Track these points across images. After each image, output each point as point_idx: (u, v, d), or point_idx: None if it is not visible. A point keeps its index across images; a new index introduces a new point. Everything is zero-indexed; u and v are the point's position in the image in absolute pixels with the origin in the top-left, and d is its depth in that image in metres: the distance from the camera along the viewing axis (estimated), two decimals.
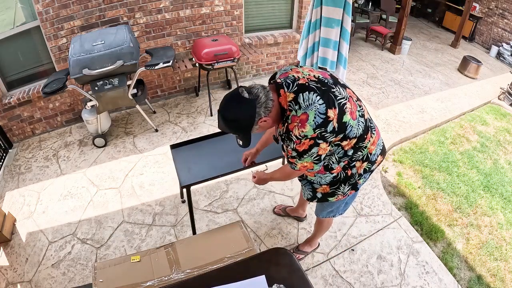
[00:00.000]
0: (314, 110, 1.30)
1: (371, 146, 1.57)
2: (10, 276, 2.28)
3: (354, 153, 1.53)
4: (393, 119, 4.17)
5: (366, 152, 1.57)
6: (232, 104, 1.36)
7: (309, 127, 1.30)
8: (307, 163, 1.44)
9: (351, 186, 1.68)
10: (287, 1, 4.41)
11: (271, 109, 1.37)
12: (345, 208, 1.96)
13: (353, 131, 1.42)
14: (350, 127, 1.39)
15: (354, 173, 1.63)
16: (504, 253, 2.76)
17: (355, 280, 2.29)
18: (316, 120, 1.30)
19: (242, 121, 1.36)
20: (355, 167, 1.61)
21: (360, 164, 1.60)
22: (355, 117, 1.42)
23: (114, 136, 3.52)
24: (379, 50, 6.31)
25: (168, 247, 1.72)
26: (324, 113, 1.31)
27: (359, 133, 1.45)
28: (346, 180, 1.65)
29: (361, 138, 1.48)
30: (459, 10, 7.63)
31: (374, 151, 1.61)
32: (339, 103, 1.35)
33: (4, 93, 3.31)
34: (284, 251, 1.45)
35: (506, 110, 5.00)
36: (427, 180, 3.38)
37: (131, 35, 3.11)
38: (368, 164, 1.63)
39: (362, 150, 1.55)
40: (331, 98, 1.34)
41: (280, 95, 1.38)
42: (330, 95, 1.35)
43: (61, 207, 2.74)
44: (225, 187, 2.94)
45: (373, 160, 1.64)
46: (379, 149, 1.66)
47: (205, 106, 4.03)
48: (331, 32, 2.86)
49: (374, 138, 1.59)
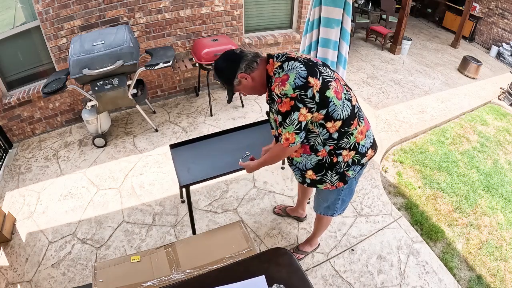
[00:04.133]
0: (295, 73, 1.42)
1: (358, 135, 1.59)
2: (10, 276, 2.28)
3: (340, 138, 1.55)
4: (393, 119, 4.17)
5: (354, 141, 1.59)
6: (223, 56, 1.57)
7: (289, 86, 1.40)
8: (289, 135, 1.48)
9: (338, 176, 1.68)
10: (287, 1, 4.41)
11: (254, 69, 1.53)
12: (343, 207, 1.95)
13: (337, 112, 1.47)
14: (333, 105, 1.45)
15: (340, 161, 1.63)
16: (504, 253, 2.76)
17: (355, 280, 2.29)
18: (296, 81, 1.40)
19: (225, 70, 1.55)
20: (341, 155, 1.61)
21: (347, 153, 1.61)
22: (340, 97, 1.48)
23: (114, 136, 3.52)
24: (379, 50, 6.31)
25: (168, 247, 1.72)
26: (304, 77, 1.41)
27: (344, 116, 1.49)
28: (332, 167, 1.65)
29: (347, 122, 1.52)
30: (459, 10, 7.63)
31: (362, 142, 1.62)
32: (323, 78, 1.45)
33: (4, 93, 3.31)
34: (284, 251, 1.44)
35: (506, 110, 5.00)
36: (427, 180, 3.38)
37: (131, 35, 3.11)
38: (357, 155, 1.64)
39: (349, 137, 1.56)
40: (315, 70, 1.45)
41: (269, 63, 1.54)
42: (315, 68, 1.46)
43: (61, 207, 2.74)
44: (225, 187, 2.94)
45: (362, 152, 1.64)
46: (369, 142, 1.67)
47: (205, 106, 4.03)
48: (331, 32, 2.85)
49: (362, 127, 1.60)
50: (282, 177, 3.05)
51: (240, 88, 1.60)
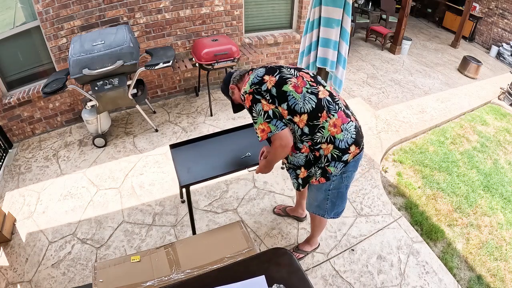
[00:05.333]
0: (254, 74, 1.70)
1: (331, 128, 1.62)
2: (10, 276, 2.28)
3: (312, 132, 1.64)
4: (393, 119, 4.17)
5: (328, 134, 1.63)
6: (225, 77, 1.93)
7: (247, 84, 1.68)
8: (262, 125, 1.64)
9: (321, 171, 1.75)
10: (287, 1, 4.41)
11: (240, 81, 1.83)
12: (334, 211, 1.94)
13: (299, 105, 1.61)
14: (292, 98, 1.61)
15: (322, 155, 1.70)
16: (504, 253, 2.76)
17: (355, 280, 2.29)
18: (253, 80, 1.67)
19: (224, 86, 1.91)
20: (321, 149, 1.68)
21: (326, 146, 1.66)
22: (300, 91, 1.62)
23: (114, 136, 3.52)
24: (379, 50, 6.31)
25: (168, 247, 1.72)
26: (261, 76, 1.67)
27: (307, 109, 1.61)
28: (316, 162, 1.76)
29: (313, 115, 1.61)
30: (459, 10, 7.64)
31: (339, 135, 1.63)
32: (281, 76, 1.65)
33: (4, 93, 3.31)
34: (284, 251, 1.44)
35: (506, 110, 5.00)
36: (427, 180, 3.38)
37: (131, 35, 3.11)
38: (336, 150, 1.65)
39: (321, 130, 1.63)
40: (274, 70, 1.68)
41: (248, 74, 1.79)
42: (276, 69, 1.69)
43: (61, 207, 2.74)
44: (225, 187, 2.94)
45: (342, 147, 1.65)
46: (350, 137, 1.66)
47: (205, 106, 4.03)
48: (331, 32, 2.85)
49: (335, 120, 1.63)
50: (282, 177, 3.06)
51: (235, 98, 1.89)
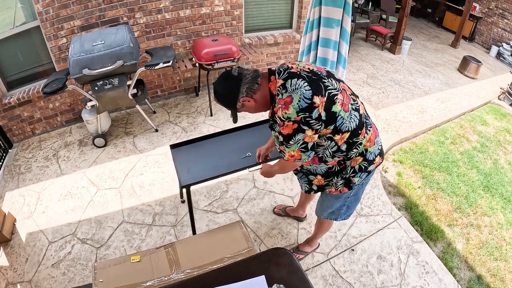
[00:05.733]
0: (299, 94, 1.33)
1: (367, 143, 1.56)
2: (10, 276, 2.28)
3: (349, 149, 1.51)
4: (393, 119, 4.17)
5: (362, 149, 1.56)
6: (221, 80, 1.49)
7: (292, 109, 1.33)
8: (294, 152, 1.43)
9: (344, 181, 1.67)
10: (287, 1, 4.41)
11: (256, 91, 1.45)
12: (348, 213, 1.93)
13: (345, 124, 1.42)
14: (341, 118, 1.40)
15: (348, 166, 1.61)
16: (504, 253, 2.76)
17: (355, 280, 2.29)
18: (300, 104, 1.32)
19: (226, 96, 1.49)
20: (349, 160, 1.60)
21: (355, 158, 1.58)
22: (347, 109, 1.42)
23: (114, 136, 3.52)
24: (379, 50, 6.31)
25: (168, 247, 1.72)
26: (309, 98, 1.33)
27: (352, 127, 1.44)
28: (339, 173, 1.65)
29: (355, 133, 1.47)
30: (459, 10, 7.63)
31: (371, 149, 1.59)
32: (329, 92, 1.37)
33: (4, 93, 3.31)
34: (284, 251, 1.44)
35: (506, 110, 5.00)
36: (427, 180, 3.38)
37: (131, 35, 3.11)
38: (364, 162, 1.61)
39: (358, 147, 1.53)
40: (320, 86, 1.37)
41: (271, 81, 1.45)
42: (320, 84, 1.38)
43: (61, 207, 2.74)
44: (225, 187, 2.94)
45: (370, 159, 1.62)
46: (377, 149, 1.64)
47: (205, 106, 4.03)
48: (331, 32, 2.85)
49: (370, 135, 1.57)
50: (282, 177, 3.05)
51: (244, 110, 1.53)
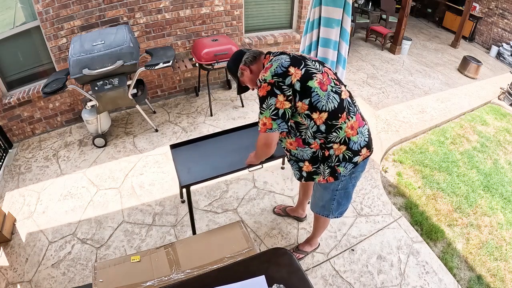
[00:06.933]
0: (278, 62, 1.56)
1: (348, 130, 1.61)
2: (10, 276, 2.28)
3: (328, 131, 1.60)
4: (393, 119, 4.17)
5: (343, 135, 1.61)
6: (233, 55, 1.83)
7: (269, 73, 1.54)
8: (266, 119, 1.55)
9: (330, 170, 1.71)
10: (287, 1, 4.41)
11: (253, 62, 1.72)
12: (339, 210, 1.95)
13: (321, 102, 1.54)
14: (316, 95, 1.53)
15: (332, 155, 1.66)
16: (504, 253, 2.76)
17: (355, 280, 2.29)
18: (276, 70, 1.53)
19: (232, 66, 1.80)
20: (332, 149, 1.65)
21: (338, 147, 1.64)
22: (325, 89, 1.55)
23: (114, 136, 3.52)
24: (379, 50, 6.31)
25: (168, 247, 1.72)
26: (285, 67, 1.53)
27: (330, 108, 1.55)
28: (324, 160, 1.71)
29: (333, 114, 1.57)
30: (459, 10, 7.64)
31: (354, 138, 1.64)
32: (307, 69, 1.55)
33: (4, 93, 3.31)
34: (284, 251, 1.44)
35: (506, 110, 5.00)
36: (427, 180, 3.38)
37: (131, 35, 3.11)
38: (348, 151, 1.65)
39: (338, 131, 1.60)
40: (299, 61, 1.56)
41: (265, 58, 1.71)
42: (301, 61, 1.57)
43: (61, 207, 2.74)
44: (225, 187, 2.94)
45: (354, 149, 1.65)
46: (363, 140, 1.68)
47: (205, 106, 4.03)
48: (331, 32, 2.85)
49: (352, 122, 1.62)
50: (282, 177, 3.05)
51: (244, 80, 1.78)
